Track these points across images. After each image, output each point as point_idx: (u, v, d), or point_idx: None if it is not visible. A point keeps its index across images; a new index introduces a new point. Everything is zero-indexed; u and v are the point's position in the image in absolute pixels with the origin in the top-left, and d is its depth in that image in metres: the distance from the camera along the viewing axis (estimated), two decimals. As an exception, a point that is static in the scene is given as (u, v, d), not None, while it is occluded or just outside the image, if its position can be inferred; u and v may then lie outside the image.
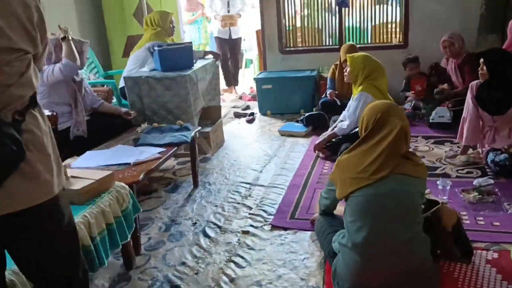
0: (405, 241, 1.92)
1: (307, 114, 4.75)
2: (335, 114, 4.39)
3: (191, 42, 3.95)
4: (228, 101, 6.44)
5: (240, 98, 6.55)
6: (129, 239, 2.25)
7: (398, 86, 5.40)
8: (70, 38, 3.19)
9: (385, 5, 5.55)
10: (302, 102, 5.39)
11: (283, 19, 5.82)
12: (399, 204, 1.95)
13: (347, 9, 5.60)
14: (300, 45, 5.96)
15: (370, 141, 2.06)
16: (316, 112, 4.83)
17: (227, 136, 4.72)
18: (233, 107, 6.04)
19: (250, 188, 3.36)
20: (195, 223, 2.89)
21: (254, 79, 5.59)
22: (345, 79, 4.04)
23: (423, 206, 2.22)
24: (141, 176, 2.49)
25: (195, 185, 3.44)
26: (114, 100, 4.28)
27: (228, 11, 6.24)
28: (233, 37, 6.38)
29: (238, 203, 3.12)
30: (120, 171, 2.57)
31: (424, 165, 2.07)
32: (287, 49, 5.90)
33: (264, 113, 5.56)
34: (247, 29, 7.34)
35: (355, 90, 3.87)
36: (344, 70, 4.08)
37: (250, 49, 8.05)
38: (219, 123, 4.38)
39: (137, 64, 4.17)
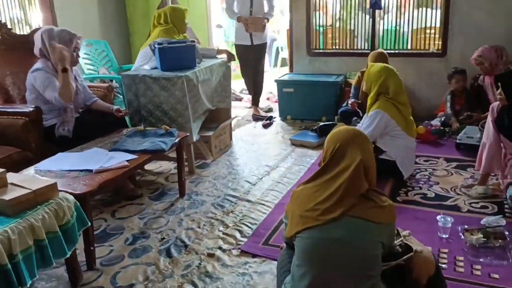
0: (353, 297, 1.62)
1: (321, 124, 4.42)
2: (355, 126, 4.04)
3: (194, 41, 3.73)
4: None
5: (268, 99, 6.29)
6: (68, 255, 2.09)
7: (433, 99, 4.95)
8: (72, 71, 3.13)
9: (425, 8, 5.06)
10: (324, 109, 5.06)
11: (313, 18, 5.48)
12: (349, 254, 1.65)
13: (382, 11, 5.17)
14: (330, 47, 5.60)
15: (326, 174, 1.76)
16: (331, 122, 4.49)
17: (236, 140, 4.51)
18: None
19: (235, 203, 3.12)
20: (163, 238, 2.69)
21: (275, 81, 5.31)
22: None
23: (400, 250, 1.91)
24: (96, 186, 2.31)
25: (181, 194, 3.25)
26: (120, 97, 4.17)
27: (251, 12, 5.12)
28: (256, 42, 5.22)
29: (217, 219, 2.90)
30: (79, 178, 2.41)
31: (390, 208, 1.74)
32: (315, 51, 5.56)
33: (284, 118, 5.30)
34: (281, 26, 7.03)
35: (370, 106, 3.51)
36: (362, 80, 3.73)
37: (286, 47, 7.76)
38: (224, 126, 4.17)
39: (144, 61, 4.02)
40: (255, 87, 5.46)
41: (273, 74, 7.31)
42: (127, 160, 2.64)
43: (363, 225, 1.66)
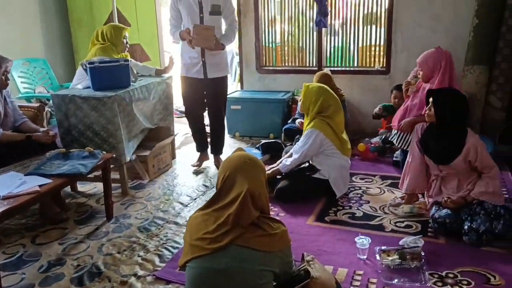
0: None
1: (263, 142, 4.40)
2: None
3: (128, 60, 3.68)
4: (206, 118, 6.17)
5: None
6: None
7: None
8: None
9: (369, 26, 5.13)
10: (271, 126, 5.07)
11: (262, 35, 5.50)
12: (233, 284, 1.61)
13: (328, 29, 5.22)
14: (280, 64, 5.62)
15: (218, 202, 1.74)
16: (273, 140, 4.48)
17: (180, 158, 4.45)
18: (206, 125, 5.75)
19: (162, 226, 3.06)
20: (79, 265, 2.60)
21: (223, 98, 5.28)
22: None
23: (303, 275, 1.89)
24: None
25: (108, 217, 3.17)
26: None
27: (202, 19, 3.65)
28: (213, 75, 3.82)
29: (139, 244, 2.82)
30: (-17, 205, 2.31)
31: (281, 235, 1.71)
32: (265, 68, 5.57)
33: (233, 135, 5.27)
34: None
35: (306, 125, 3.52)
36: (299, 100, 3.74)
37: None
38: (164, 145, 4.10)
39: (80, 80, 3.94)
40: (213, 139, 4.19)
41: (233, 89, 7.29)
42: (40, 185, 2.55)
43: (248, 255, 1.63)
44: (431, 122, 2.88)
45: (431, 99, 2.86)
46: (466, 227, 2.64)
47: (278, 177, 3.52)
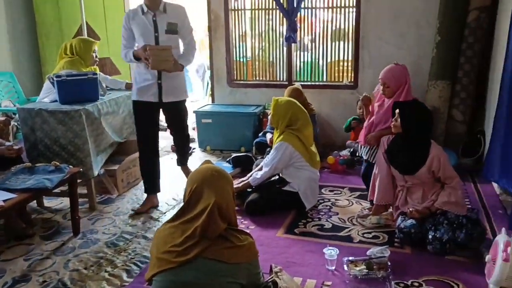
0: None
1: (234, 155, 4.42)
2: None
3: (96, 74, 3.66)
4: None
5: (193, 129, 6.25)
6: None
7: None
8: None
9: (338, 42, 5.26)
10: (242, 139, 5.09)
11: (234, 49, 5.56)
12: (200, 297, 1.61)
13: (298, 44, 5.32)
14: (251, 78, 5.68)
15: (187, 214, 1.74)
16: (244, 154, 4.51)
17: (150, 173, 4.40)
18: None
19: (130, 240, 3.02)
20: (45, 281, 2.54)
21: (194, 112, 5.30)
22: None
23: (270, 285, 1.90)
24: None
25: (75, 233, 3.11)
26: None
27: (157, 39, 3.27)
28: (167, 99, 3.40)
29: (107, 259, 2.78)
30: None
31: (248, 246, 1.73)
32: (236, 81, 5.62)
33: (204, 149, 5.27)
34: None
35: (276, 138, 3.56)
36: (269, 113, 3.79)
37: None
38: (134, 159, 4.06)
39: (47, 93, 3.89)
40: (177, 150, 3.92)
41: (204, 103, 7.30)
42: (4, 200, 2.50)
43: (215, 267, 1.63)
44: (397, 133, 2.96)
45: (397, 111, 2.95)
46: (430, 236, 2.72)
47: (249, 190, 3.54)
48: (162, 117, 3.61)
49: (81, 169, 3.24)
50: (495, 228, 3.03)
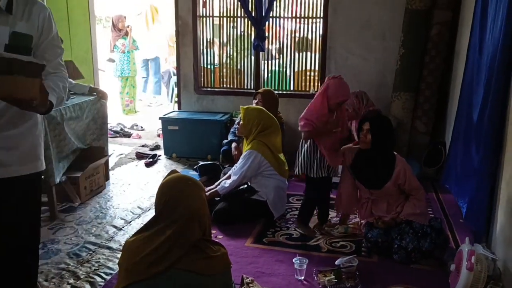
0: None
1: (201, 163, 4.37)
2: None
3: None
4: (144, 138, 6.06)
5: (158, 135, 6.15)
6: None
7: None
8: None
9: (305, 52, 5.31)
10: (209, 147, 5.03)
11: (201, 56, 5.51)
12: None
13: (266, 53, 5.34)
14: (218, 85, 5.64)
15: (159, 223, 1.69)
16: (211, 162, 4.47)
17: (114, 180, 4.29)
18: (142, 145, 5.64)
19: (94, 251, 2.92)
20: (1, 295, 2.41)
21: (160, 118, 5.21)
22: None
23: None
24: None
25: (34, 242, 2.96)
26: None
27: None
28: None
29: (69, 271, 2.67)
30: None
31: (222, 257, 1.70)
32: (203, 89, 5.57)
33: (169, 156, 5.18)
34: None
35: (245, 146, 3.54)
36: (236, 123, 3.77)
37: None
38: (97, 166, 3.95)
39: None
40: None
41: (170, 110, 7.20)
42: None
43: (189, 279, 1.59)
44: (364, 148, 2.96)
45: (366, 127, 2.92)
46: (396, 245, 2.76)
47: (217, 199, 3.50)
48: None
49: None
50: (457, 236, 3.12)
